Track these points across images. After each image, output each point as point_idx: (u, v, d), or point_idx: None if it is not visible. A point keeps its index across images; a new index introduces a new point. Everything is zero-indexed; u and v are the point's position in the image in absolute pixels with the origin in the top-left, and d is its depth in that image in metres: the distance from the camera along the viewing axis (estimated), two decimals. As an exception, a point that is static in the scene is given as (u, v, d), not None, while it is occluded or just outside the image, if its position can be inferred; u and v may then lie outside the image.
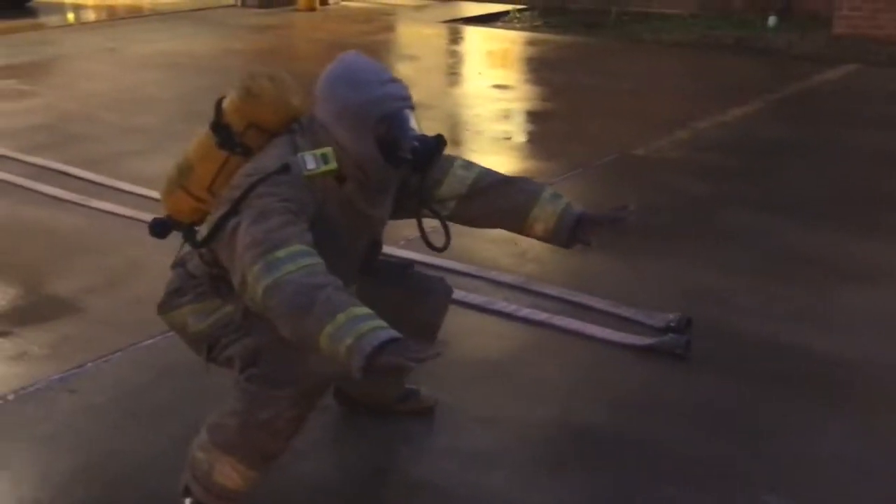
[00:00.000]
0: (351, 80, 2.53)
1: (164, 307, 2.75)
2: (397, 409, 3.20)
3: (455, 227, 2.85)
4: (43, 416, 3.27)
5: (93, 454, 3.06)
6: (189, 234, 2.74)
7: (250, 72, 2.66)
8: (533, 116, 7.53)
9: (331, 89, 2.55)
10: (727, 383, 3.44)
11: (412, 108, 2.58)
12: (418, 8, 12.87)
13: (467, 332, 3.73)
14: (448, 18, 11.93)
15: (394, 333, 2.21)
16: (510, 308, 3.98)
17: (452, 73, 9.32)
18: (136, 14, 12.69)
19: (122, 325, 3.88)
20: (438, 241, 2.82)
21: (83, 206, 5.23)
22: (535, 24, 11.63)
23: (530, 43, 10.51)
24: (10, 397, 3.38)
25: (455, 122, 7.22)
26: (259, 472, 2.62)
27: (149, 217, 4.78)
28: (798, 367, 3.55)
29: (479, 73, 9.18)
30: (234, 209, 2.48)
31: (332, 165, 2.50)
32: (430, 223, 2.83)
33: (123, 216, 5.06)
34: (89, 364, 3.59)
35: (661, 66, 9.29)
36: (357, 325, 2.21)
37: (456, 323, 3.36)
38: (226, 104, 2.64)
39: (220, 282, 2.63)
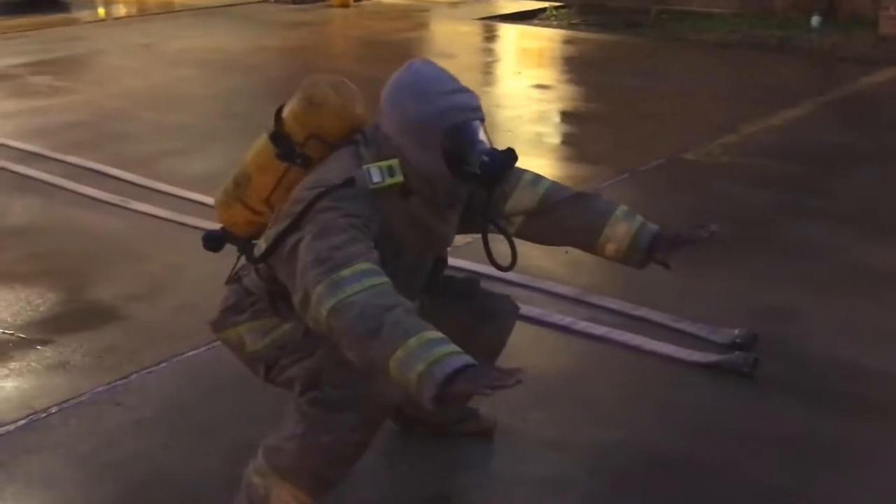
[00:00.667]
0: (417, 91, 2.38)
1: (220, 324, 2.62)
2: (456, 430, 3.06)
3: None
4: (87, 431, 3.16)
5: (139, 473, 2.94)
6: (246, 248, 2.61)
7: (312, 80, 2.53)
8: (575, 118, 7.35)
9: (396, 99, 2.40)
10: (799, 408, 3.27)
11: (482, 119, 2.43)
12: (453, 4, 12.71)
13: (523, 347, 3.54)
14: (484, 16, 11.76)
15: (468, 360, 2.07)
16: (566, 321, 3.83)
17: (489, 72, 9.16)
18: (167, 10, 12.59)
19: (167, 334, 3.76)
20: (504, 259, 2.66)
21: (122, 207, 5.13)
22: (573, 21, 11.43)
23: (568, 41, 10.32)
24: (54, 410, 3.27)
25: (495, 124, 7.06)
26: (317, 498, 2.49)
27: (188, 220, 4.84)
28: (878, 394, 3.36)
29: (519, 73, 9.02)
30: (296, 224, 2.35)
31: (398, 178, 2.36)
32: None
33: (163, 219, 4.95)
34: (134, 375, 3.47)
35: (705, 67, 9.08)
36: (430, 351, 2.07)
37: (511, 336, 3.21)
38: (286, 113, 2.51)
39: (279, 299, 2.50)
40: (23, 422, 3.20)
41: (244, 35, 10.48)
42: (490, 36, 10.88)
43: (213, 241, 2.71)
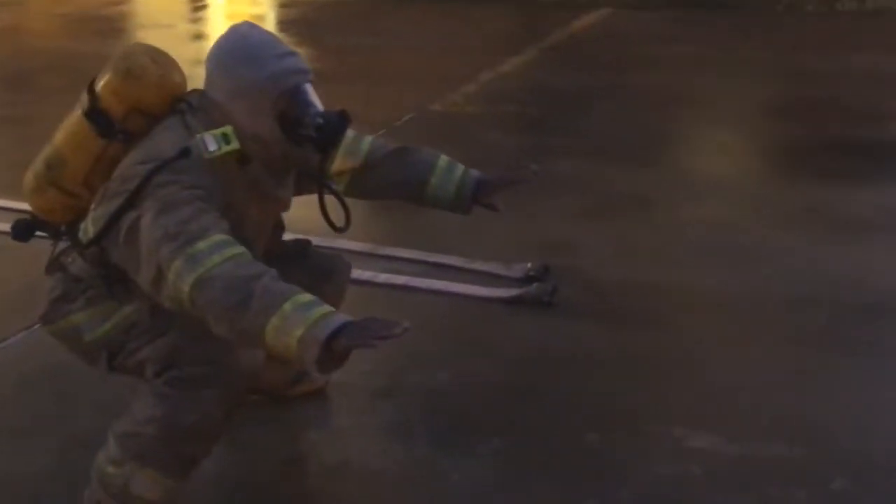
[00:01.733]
0: (246, 55, 2.34)
1: (50, 317, 2.48)
2: (289, 392, 3.07)
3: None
4: None
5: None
6: (59, 234, 2.50)
7: (126, 51, 2.44)
8: (317, 80, 7.35)
9: (224, 65, 2.36)
10: (598, 326, 3.53)
11: (311, 81, 2.44)
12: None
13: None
14: (192, -16, 11.44)
15: (346, 318, 2.10)
16: (367, 275, 3.90)
17: (210, 41, 8.97)
18: None
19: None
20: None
21: None
22: (286, -15, 11.37)
23: (285, 5, 10.31)
24: None
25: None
26: (181, 480, 2.44)
27: None
28: (660, 306, 3.70)
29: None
30: (131, 201, 2.26)
31: (235, 145, 2.32)
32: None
33: None
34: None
35: (426, 21, 9.35)
36: (306, 313, 2.08)
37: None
38: (100, 88, 2.40)
39: (114, 282, 2.41)
40: None
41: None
42: (201, 5, 10.63)
43: (22, 230, 2.56)
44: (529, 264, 3.87)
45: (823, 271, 3.92)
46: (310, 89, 2.41)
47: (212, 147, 2.29)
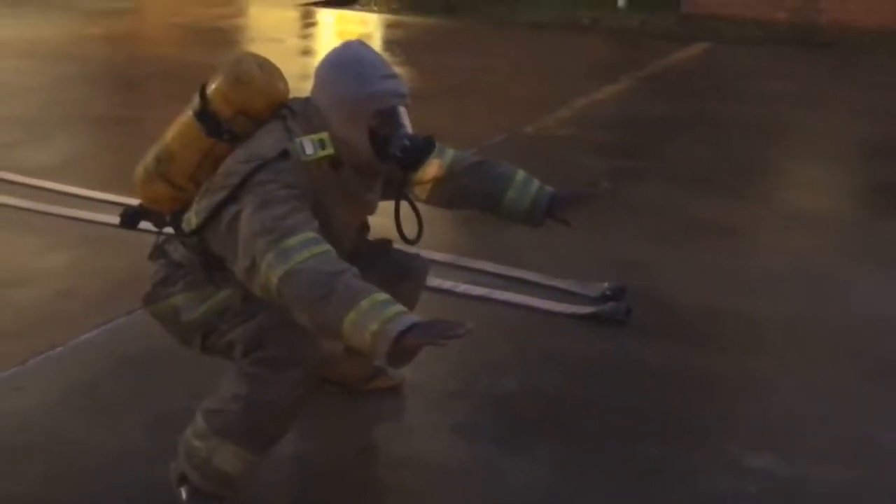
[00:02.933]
0: (353, 71, 2.55)
1: (152, 298, 2.70)
2: (365, 387, 3.24)
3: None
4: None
5: (58, 452, 2.96)
6: (161, 223, 2.72)
7: (236, 57, 2.66)
8: (414, 98, 7.54)
9: (332, 77, 2.57)
10: (671, 347, 3.62)
11: (407, 105, 2.63)
12: (271, -10, 12.71)
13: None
14: (304, 2, 11.83)
15: (416, 318, 2.27)
16: (447, 285, 4.05)
17: (320, 56, 9.27)
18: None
19: (53, 319, 3.75)
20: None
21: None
22: (393, 6, 11.66)
23: (391, 26, 10.56)
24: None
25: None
26: (259, 456, 2.62)
27: (43, 207, 4.78)
28: (734, 331, 3.77)
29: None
30: (233, 196, 2.47)
31: (330, 150, 2.52)
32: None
33: (17, 207, 4.87)
34: (31, 361, 3.46)
35: (527, 47, 9.52)
36: (382, 311, 2.25)
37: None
38: (211, 91, 2.62)
39: (213, 269, 2.61)
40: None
41: (63, 24, 10.14)
42: (312, 21, 10.98)
43: (131, 218, 2.79)
44: (606, 284, 3.97)
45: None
46: (403, 112, 2.62)
47: (309, 151, 2.50)
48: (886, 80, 8.33)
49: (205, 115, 2.60)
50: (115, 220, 2.85)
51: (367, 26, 10.62)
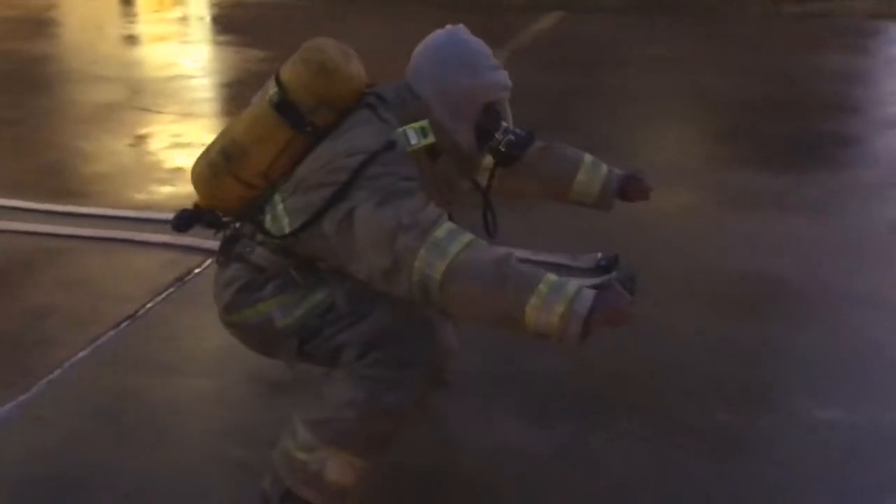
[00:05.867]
0: (465, 61, 2.43)
1: (236, 305, 2.47)
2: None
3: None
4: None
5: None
6: (256, 222, 2.47)
7: (315, 45, 2.47)
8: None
9: (439, 65, 2.43)
10: (688, 312, 3.67)
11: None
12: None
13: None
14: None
15: (593, 292, 2.18)
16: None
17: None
18: None
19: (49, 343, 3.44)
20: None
21: None
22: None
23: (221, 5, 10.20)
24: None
25: (188, 87, 6.89)
26: (374, 461, 2.46)
27: None
28: (748, 292, 3.87)
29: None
30: (342, 193, 2.28)
31: (431, 139, 2.38)
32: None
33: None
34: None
35: (383, 24, 9.34)
36: (562, 291, 2.14)
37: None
38: (289, 81, 2.42)
39: (306, 270, 2.43)
40: None
41: None
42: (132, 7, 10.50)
43: (185, 221, 2.56)
44: (600, 254, 3.97)
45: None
46: (507, 105, 2.51)
47: (413, 140, 2.35)
48: (753, 40, 8.73)
49: (285, 107, 2.41)
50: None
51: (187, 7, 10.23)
